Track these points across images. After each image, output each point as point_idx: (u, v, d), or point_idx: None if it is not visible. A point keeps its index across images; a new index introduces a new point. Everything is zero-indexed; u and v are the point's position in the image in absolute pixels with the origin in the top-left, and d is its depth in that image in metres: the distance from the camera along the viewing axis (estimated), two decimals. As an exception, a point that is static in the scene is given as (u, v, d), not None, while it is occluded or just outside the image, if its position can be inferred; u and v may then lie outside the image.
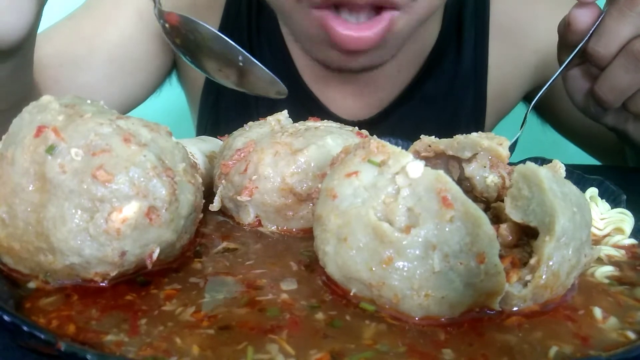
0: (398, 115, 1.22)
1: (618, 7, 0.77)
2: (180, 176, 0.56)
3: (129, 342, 0.45)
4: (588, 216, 0.54)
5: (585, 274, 0.58)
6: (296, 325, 0.48)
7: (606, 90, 0.82)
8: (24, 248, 0.51)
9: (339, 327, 0.48)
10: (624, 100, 0.83)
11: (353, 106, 1.23)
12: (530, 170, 0.52)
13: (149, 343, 0.45)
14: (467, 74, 1.22)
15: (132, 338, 0.46)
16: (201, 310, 0.50)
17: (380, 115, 1.22)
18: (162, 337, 0.46)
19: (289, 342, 0.46)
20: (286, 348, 0.45)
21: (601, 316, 0.51)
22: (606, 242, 0.66)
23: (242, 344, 0.46)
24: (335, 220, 0.52)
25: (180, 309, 0.50)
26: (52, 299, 0.51)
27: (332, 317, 0.50)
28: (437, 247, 0.48)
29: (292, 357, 0.44)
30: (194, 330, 0.47)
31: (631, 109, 0.83)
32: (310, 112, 1.15)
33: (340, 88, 1.22)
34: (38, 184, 0.51)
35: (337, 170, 0.55)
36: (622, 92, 0.80)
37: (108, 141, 0.52)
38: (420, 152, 0.63)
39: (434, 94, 1.22)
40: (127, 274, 0.54)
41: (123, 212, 0.51)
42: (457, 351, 0.46)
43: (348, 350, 0.45)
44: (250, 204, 0.68)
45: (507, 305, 0.51)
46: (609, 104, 0.83)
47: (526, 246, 0.54)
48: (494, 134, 0.62)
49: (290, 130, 0.70)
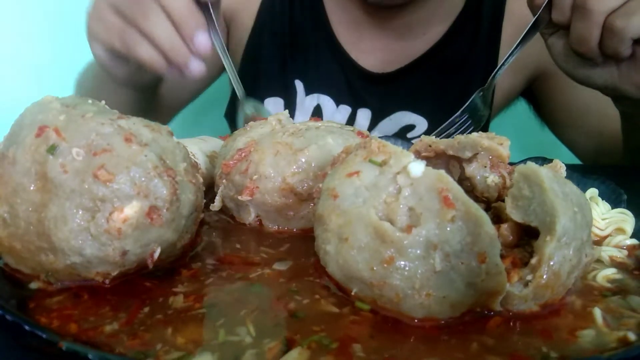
0: (419, 73, 1.34)
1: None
2: (182, 176, 0.56)
3: (121, 331, 0.47)
4: (589, 216, 0.54)
5: (587, 277, 0.58)
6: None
7: (577, 44, 0.89)
8: (25, 248, 0.51)
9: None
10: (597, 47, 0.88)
11: (381, 60, 1.35)
12: (531, 170, 0.52)
13: (134, 333, 0.46)
14: (482, 48, 1.34)
15: (125, 328, 0.47)
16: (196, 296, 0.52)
17: (402, 70, 1.35)
18: (151, 325, 0.47)
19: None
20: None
21: (601, 318, 0.51)
22: (608, 242, 0.66)
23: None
24: (336, 219, 0.52)
25: (176, 299, 0.52)
26: (55, 299, 0.51)
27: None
28: (438, 247, 0.48)
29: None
30: (186, 314, 0.48)
31: (607, 52, 0.88)
32: (340, 65, 1.33)
33: (370, 42, 1.35)
34: (39, 183, 0.51)
35: (338, 170, 0.55)
36: (587, 40, 0.87)
37: (109, 141, 0.52)
38: (421, 152, 0.63)
39: (452, 59, 1.34)
40: (128, 273, 0.54)
41: (124, 212, 0.51)
42: (458, 351, 0.46)
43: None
44: (251, 204, 0.68)
45: (508, 305, 0.50)
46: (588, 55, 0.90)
47: (527, 246, 0.54)
48: (495, 133, 0.62)
49: (291, 130, 0.70)
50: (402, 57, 1.35)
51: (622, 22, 0.82)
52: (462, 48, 1.35)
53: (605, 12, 0.83)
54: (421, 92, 1.34)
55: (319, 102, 1.38)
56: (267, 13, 1.39)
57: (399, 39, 1.34)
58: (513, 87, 1.39)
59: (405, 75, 1.35)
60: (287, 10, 1.38)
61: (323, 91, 1.38)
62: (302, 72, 1.38)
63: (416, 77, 1.35)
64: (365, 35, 1.36)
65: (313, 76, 1.38)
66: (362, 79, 1.36)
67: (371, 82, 1.36)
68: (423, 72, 1.35)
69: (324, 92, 1.38)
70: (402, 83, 1.35)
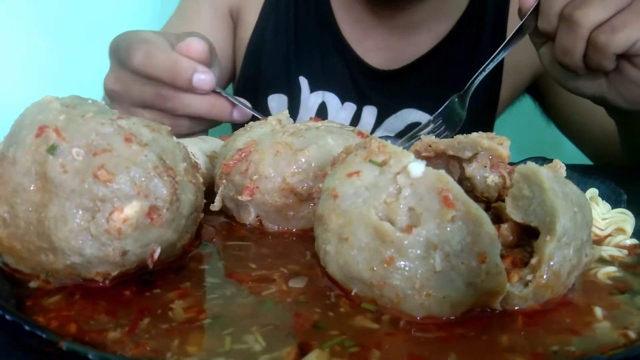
0: (424, 71, 1.36)
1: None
2: (181, 176, 0.56)
3: (124, 340, 0.46)
4: (589, 216, 0.54)
5: (588, 275, 0.58)
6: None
7: (561, 55, 0.90)
8: (25, 248, 0.51)
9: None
10: (581, 60, 0.89)
11: (386, 57, 1.36)
12: (531, 170, 0.52)
13: (136, 341, 0.45)
14: (487, 45, 1.33)
15: (128, 336, 0.46)
16: (199, 306, 0.51)
17: (408, 68, 1.36)
18: (155, 335, 0.46)
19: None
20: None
21: (602, 316, 0.51)
22: (608, 242, 0.66)
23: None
24: (336, 220, 0.52)
25: (179, 304, 0.51)
26: (54, 299, 0.51)
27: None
28: (438, 247, 0.48)
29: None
30: (190, 325, 0.48)
31: (590, 65, 0.89)
32: (346, 62, 1.34)
33: (375, 40, 1.36)
34: (39, 183, 0.51)
35: (338, 170, 0.55)
36: (571, 53, 0.88)
37: (109, 141, 0.52)
38: (421, 152, 0.63)
39: (456, 58, 1.35)
40: (129, 273, 0.54)
41: (124, 212, 0.51)
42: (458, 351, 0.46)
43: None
44: (251, 204, 0.68)
45: (508, 305, 0.50)
46: (572, 67, 0.90)
47: (527, 246, 0.54)
48: (495, 133, 0.62)
49: (291, 130, 0.70)
50: (407, 54, 1.36)
51: (606, 37, 0.83)
52: (466, 46, 1.36)
53: (591, 27, 0.83)
54: (427, 90, 1.34)
55: (323, 100, 1.38)
56: (272, 8, 1.39)
57: (404, 37, 1.35)
58: (518, 83, 1.40)
59: (410, 72, 1.36)
60: (292, 7, 1.39)
61: (328, 88, 1.38)
62: (306, 68, 1.39)
63: (422, 75, 1.36)
64: (371, 32, 1.36)
65: (318, 73, 1.38)
66: (368, 76, 1.36)
67: (377, 79, 1.36)
68: (428, 70, 1.36)
69: (329, 89, 1.38)
70: (407, 80, 1.36)
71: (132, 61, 0.89)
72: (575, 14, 0.84)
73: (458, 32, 1.35)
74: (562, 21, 0.87)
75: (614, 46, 0.83)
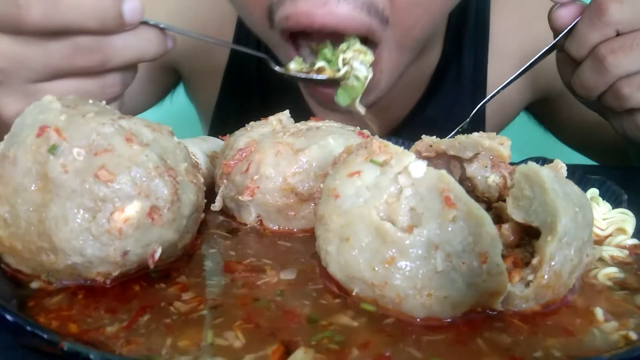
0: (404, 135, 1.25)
1: (589, 14, 0.82)
2: (182, 176, 0.56)
3: (121, 335, 0.46)
4: (590, 216, 0.54)
5: (588, 276, 0.58)
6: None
7: (578, 86, 0.88)
8: (26, 248, 0.51)
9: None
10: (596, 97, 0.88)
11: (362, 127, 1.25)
12: (532, 170, 0.52)
13: (126, 339, 0.46)
14: (467, 96, 1.26)
15: (125, 332, 0.47)
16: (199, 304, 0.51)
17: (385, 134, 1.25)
18: (151, 331, 0.47)
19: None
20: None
21: (602, 317, 0.51)
22: (609, 242, 0.66)
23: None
24: (337, 220, 0.52)
25: (178, 304, 0.51)
26: (56, 299, 0.51)
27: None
28: (439, 247, 0.48)
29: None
30: (189, 324, 0.48)
31: (605, 104, 0.88)
32: None
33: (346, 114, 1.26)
34: (40, 183, 0.51)
35: (339, 170, 0.55)
36: (591, 89, 0.86)
37: (110, 141, 0.52)
38: (422, 152, 0.63)
39: (435, 116, 1.26)
40: (129, 273, 0.54)
41: (125, 212, 0.51)
42: (459, 351, 0.46)
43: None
44: (251, 204, 0.68)
45: (509, 305, 0.50)
46: (582, 98, 0.90)
47: (528, 246, 0.54)
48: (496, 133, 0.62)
49: (291, 130, 0.70)
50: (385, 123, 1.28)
51: (630, 91, 0.82)
52: (444, 102, 1.27)
53: (619, 76, 0.81)
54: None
55: None
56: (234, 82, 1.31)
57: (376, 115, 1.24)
58: (523, 100, 1.35)
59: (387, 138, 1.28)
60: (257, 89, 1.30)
61: None
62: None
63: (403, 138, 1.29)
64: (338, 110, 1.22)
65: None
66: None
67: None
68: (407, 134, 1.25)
69: None
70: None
71: (28, 17, 0.66)
72: (609, 60, 0.80)
73: (433, 90, 1.26)
74: (593, 58, 0.83)
75: (635, 101, 0.82)
